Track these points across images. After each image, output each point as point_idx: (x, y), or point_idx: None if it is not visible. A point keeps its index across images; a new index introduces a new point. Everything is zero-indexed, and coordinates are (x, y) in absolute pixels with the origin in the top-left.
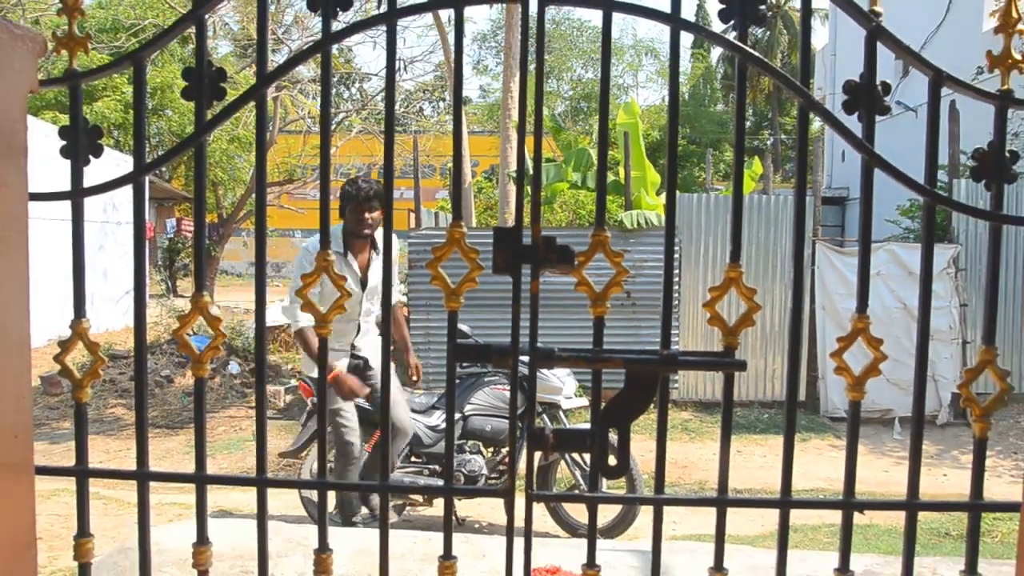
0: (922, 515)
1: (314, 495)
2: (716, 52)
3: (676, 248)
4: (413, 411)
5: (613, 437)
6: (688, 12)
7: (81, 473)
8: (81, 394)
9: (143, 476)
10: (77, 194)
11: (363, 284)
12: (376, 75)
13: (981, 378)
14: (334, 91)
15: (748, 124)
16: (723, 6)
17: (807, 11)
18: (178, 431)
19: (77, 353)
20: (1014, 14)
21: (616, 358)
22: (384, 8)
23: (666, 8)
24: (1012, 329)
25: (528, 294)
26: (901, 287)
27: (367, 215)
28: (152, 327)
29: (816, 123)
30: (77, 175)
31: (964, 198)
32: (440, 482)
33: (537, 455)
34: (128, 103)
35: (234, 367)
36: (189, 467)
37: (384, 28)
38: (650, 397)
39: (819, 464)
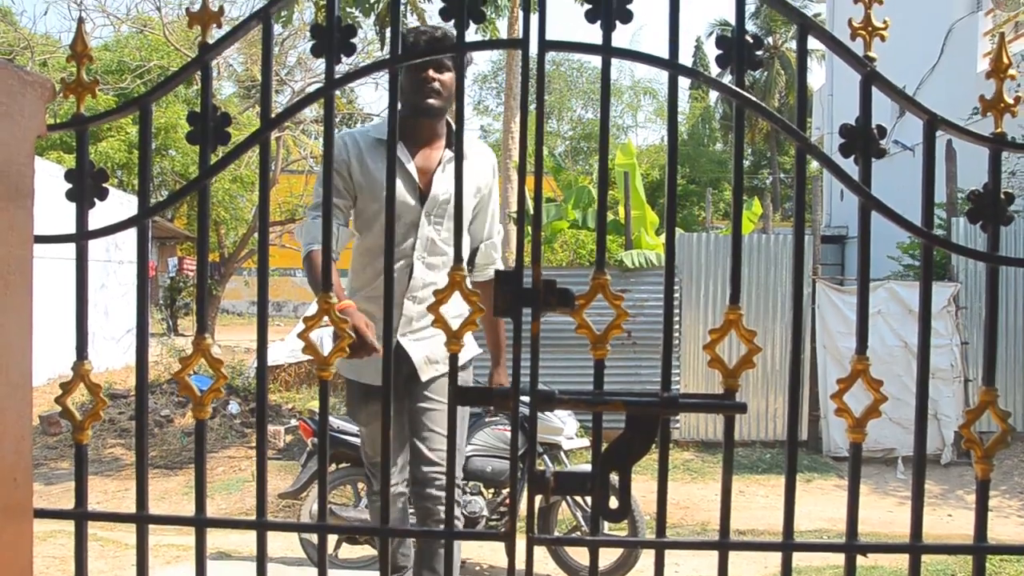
0: (927, 556)
1: (314, 537)
2: (715, 92)
3: (676, 288)
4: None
5: (615, 478)
6: (686, 54)
7: (80, 516)
8: (81, 436)
9: (143, 519)
10: (82, 237)
11: (422, 196)
12: (378, 116)
13: (984, 417)
14: (337, 131)
15: (747, 163)
16: (720, 52)
17: (803, 57)
18: (177, 471)
19: (77, 391)
20: (1004, 59)
21: (617, 401)
22: (387, 54)
23: (664, 52)
24: (1014, 368)
25: (529, 336)
26: (902, 325)
27: (432, 75)
28: (153, 366)
29: (815, 163)
30: (82, 218)
31: (962, 236)
32: (441, 525)
33: (538, 497)
34: (132, 143)
35: (234, 407)
36: (188, 508)
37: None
38: (651, 439)
39: (822, 504)
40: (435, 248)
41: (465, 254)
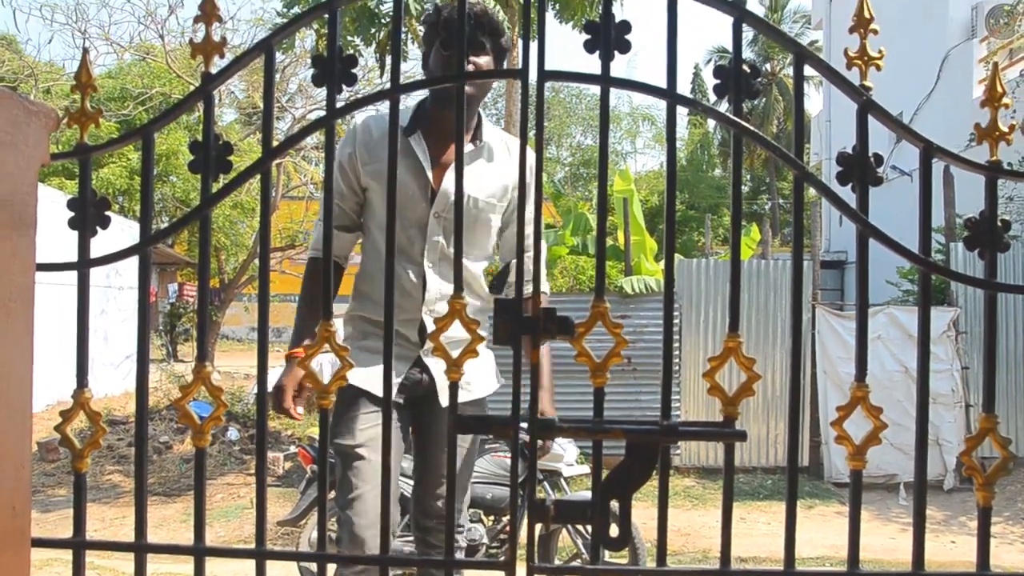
0: None
1: (314, 566)
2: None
3: (676, 314)
4: (407, 476)
5: (615, 506)
6: (684, 80)
7: (79, 545)
8: (81, 464)
9: (141, 548)
10: (84, 265)
11: (432, 194)
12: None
13: (986, 442)
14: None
15: (746, 189)
16: (718, 82)
17: (799, 86)
18: (175, 499)
19: (76, 418)
20: (998, 88)
21: (616, 429)
22: (387, 81)
23: (662, 79)
24: (1015, 393)
25: (529, 364)
26: (902, 350)
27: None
28: (152, 392)
29: (813, 189)
30: (84, 246)
31: (961, 261)
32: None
33: (538, 525)
34: (133, 169)
35: (233, 434)
36: (186, 536)
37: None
38: (651, 467)
39: (825, 531)
40: (447, 254)
41: (479, 271)
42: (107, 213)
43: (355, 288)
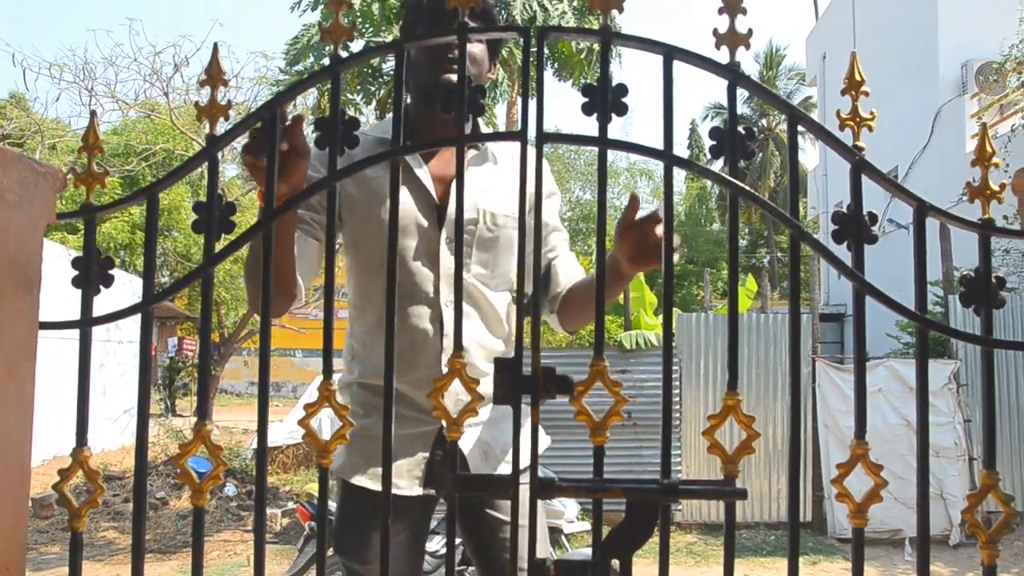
0: None
1: None
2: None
3: (676, 368)
4: None
5: (616, 563)
6: (681, 136)
7: None
8: (78, 523)
9: None
10: (86, 323)
11: (440, 214)
12: None
13: (990, 497)
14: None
15: (744, 243)
16: (714, 143)
17: (793, 146)
18: (171, 555)
19: (74, 476)
20: (988, 149)
21: (617, 487)
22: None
23: (659, 137)
24: (1019, 446)
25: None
26: (903, 403)
27: (455, 51)
28: (150, 447)
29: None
30: (87, 305)
31: (959, 314)
32: None
33: None
34: (135, 224)
35: (231, 489)
36: None
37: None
38: (652, 525)
39: None
40: (469, 287)
41: (503, 303)
42: (111, 272)
43: (346, 348)
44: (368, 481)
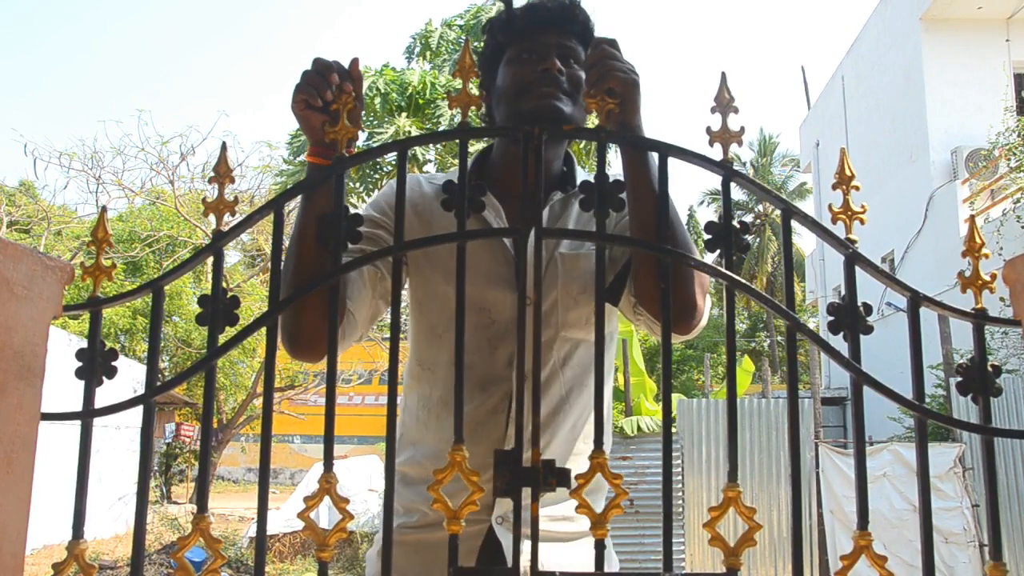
0: None
1: None
2: (711, 254)
3: (678, 453)
4: None
5: None
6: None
7: None
8: None
9: None
10: (88, 415)
11: (518, 288)
12: None
13: None
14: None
15: (743, 327)
16: (709, 237)
17: (787, 238)
18: None
19: (69, 569)
20: (977, 239)
21: None
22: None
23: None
24: None
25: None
26: (908, 488)
27: (556, 64)
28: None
29: (812, 323)
30: (89, 396)
31: (960, 398)
32: None
33: None
34: (136, 308)
35: None
36: None
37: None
38: None
39: None
40: (547, 363)
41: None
42: (114, 364)
43: (400, 435)
44: None
